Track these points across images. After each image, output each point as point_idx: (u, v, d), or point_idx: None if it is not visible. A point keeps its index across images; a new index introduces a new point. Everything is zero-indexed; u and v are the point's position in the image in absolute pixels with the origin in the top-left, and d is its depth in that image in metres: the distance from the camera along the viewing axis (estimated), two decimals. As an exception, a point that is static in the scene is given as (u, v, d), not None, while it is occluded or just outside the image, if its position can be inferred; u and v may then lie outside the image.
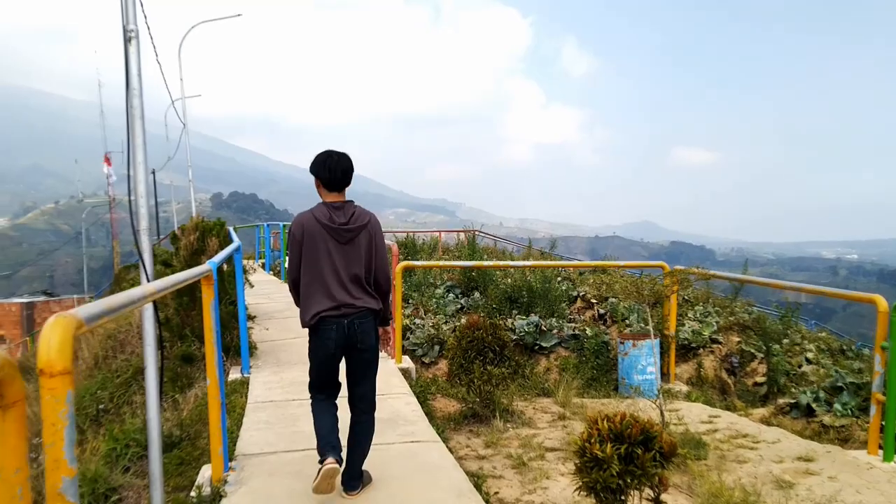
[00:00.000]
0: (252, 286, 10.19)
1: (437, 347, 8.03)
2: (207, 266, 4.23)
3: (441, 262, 7.70)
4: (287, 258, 4.53)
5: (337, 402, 4.14)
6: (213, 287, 4.27)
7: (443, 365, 8.00)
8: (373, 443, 4.22)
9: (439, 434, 5.51)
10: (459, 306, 10.57)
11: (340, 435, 4.02)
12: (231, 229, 9.42)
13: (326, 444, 3.92)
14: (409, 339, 8.38)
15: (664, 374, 7.85)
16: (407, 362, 7.46)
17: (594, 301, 10.25)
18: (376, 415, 4.23)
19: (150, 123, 4.14)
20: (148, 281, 3.85)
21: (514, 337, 7.59)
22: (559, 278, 11.04)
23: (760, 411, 7.63)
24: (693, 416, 6.81)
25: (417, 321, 8.72)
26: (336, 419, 4.07)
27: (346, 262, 3.91)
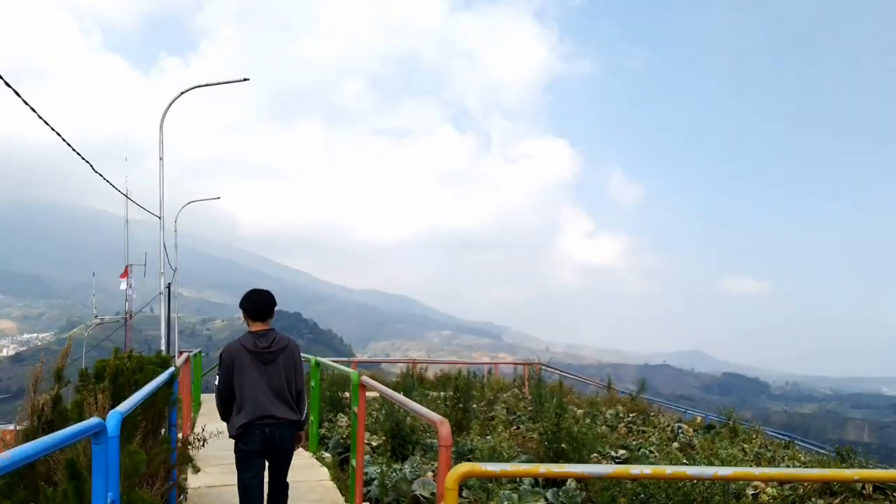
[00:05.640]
0: (197, 471, 6.15)
1: None
2: None
3: (541, 468, 3.30)
4: (218, 379, 4.89)
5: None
6: None
7: None
8: None
9: None
10: (544, 502, 6.40)
11: None
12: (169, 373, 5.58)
13: None
14: None
15: None
16: None
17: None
18: None
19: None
20: None
21: None
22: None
23: None
24: None
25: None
26: None
27: (268, 380, 4.68)
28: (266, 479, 4.94)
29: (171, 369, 5.76)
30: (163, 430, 5.93)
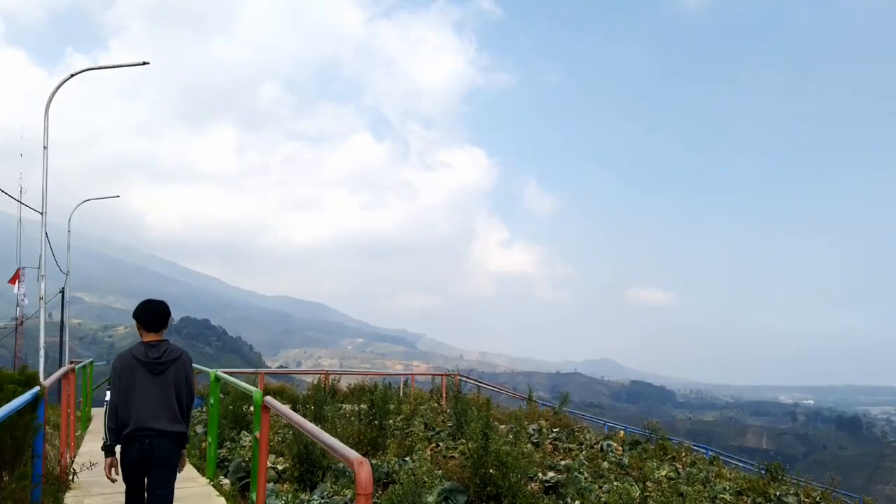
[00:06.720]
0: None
1: None
2: None
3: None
4: (109, 391, 4.70)
5: None
6: None
7: None
8: None
9: None
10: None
11: None
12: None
13: None
14: None
15: None
16: None
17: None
18: None
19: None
20: None
21: None
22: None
23: None
24: None
25: None
26: None
27: (156, 391, 4.61)
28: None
29: (35, 390, 4.84)
30: (24, 463, 5.01)
